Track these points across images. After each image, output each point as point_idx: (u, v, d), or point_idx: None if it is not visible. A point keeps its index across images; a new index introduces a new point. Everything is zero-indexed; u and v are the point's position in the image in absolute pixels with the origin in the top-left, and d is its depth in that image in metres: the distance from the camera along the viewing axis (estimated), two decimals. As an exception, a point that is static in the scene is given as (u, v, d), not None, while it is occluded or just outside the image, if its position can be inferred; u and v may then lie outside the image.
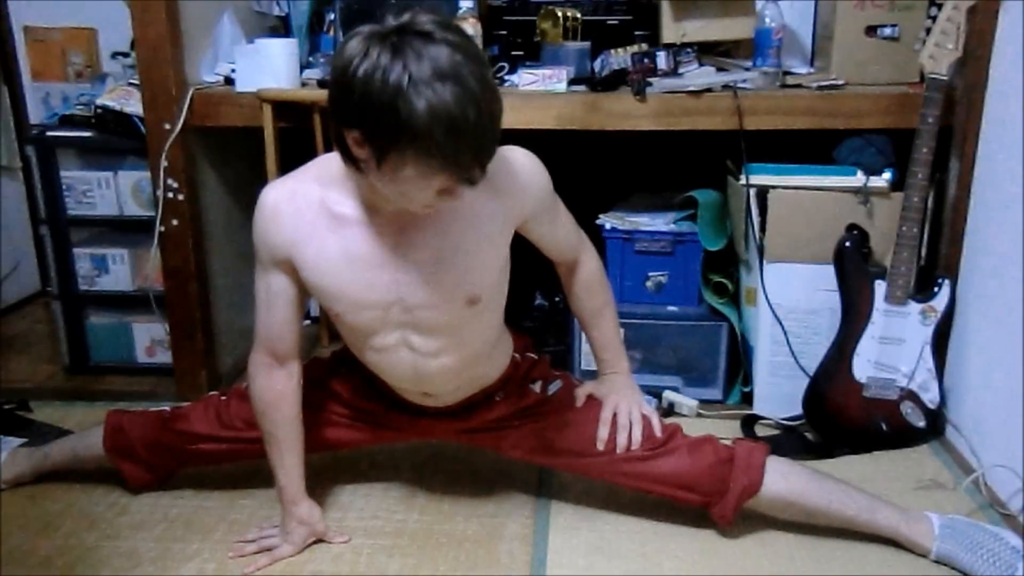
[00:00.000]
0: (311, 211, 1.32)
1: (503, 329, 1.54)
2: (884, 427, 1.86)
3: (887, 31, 1.97)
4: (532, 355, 1.63)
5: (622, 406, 1.55)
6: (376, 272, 1.32)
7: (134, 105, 2.07)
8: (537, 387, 1.57)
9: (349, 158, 1.19)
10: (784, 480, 1.51)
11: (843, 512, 1.51)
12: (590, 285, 1.57)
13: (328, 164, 1.32)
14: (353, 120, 1.12)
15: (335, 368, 1.61)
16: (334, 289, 1.36)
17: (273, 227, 1.34)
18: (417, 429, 1.60)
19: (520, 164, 1.35)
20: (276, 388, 1.47)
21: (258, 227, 1.36)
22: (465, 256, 1.33)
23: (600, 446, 1.51)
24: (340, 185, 1.31)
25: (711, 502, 1.51)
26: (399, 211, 1.27)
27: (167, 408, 1.67)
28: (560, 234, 1.49)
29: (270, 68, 1.97)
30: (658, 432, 1.52)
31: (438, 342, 1.40)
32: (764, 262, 1.95)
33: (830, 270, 1.87)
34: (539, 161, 1.39)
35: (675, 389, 2.11)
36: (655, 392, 2.08)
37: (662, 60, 1.98)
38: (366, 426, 1.61)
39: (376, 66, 1.07)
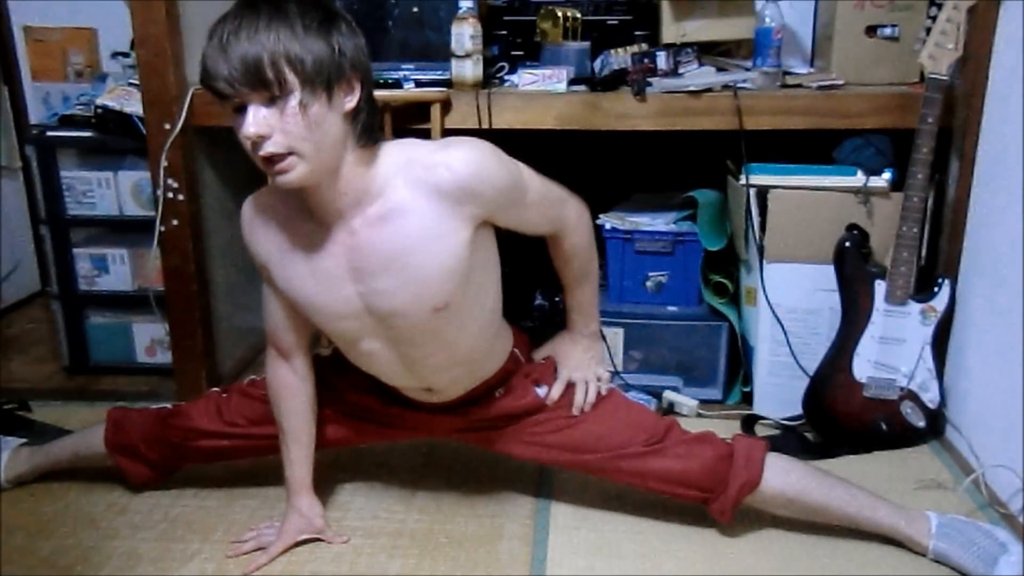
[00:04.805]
0: (280, 225, 1.36)
1: (500, 324, 1.54)
2: (884, 427, 1.86)
3: (887, 31, 1.97)
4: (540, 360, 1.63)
5: (577, 378, 1.57)
6: (338, 285, 1.34)
7: (134, 105, 2.07)
8: (543, 392, 1.57)
9: None
10: (784, 476, 1.51)
11: (843, 509, 1.51)
12: (570, 255, 1.51)
13: None
14: None
15: (336, 366, 1.61)
16: (305, 302, 1.39)
17: (250, 239, 1.41)
18: (416, 426, 1.60)
19: (463, 164, 1.25)
20: (280, 380, 1.52)
21: (243, 236, 1.42)
22: (417, 264, 1.29)
23: (549, 402, 1.54)
24: (296, 198, 1.33)
25: (710, 498, 1.51)
26: (334, 217, 1.29)
27: (168, 405, 1.68)
28: (531, 217, 1.40)
29: (270, 68, 1.97)
30: (602, 390, 1.57)
31: (422, 347, 1.41)
32: (764, 262, 1.95)
33: (830, 270, 1.87)
34: (490, 153, 1.28)
35: (675, 389, 2.11)
36: (655, 392, 2.08)
37: (662, 60, 1.98)
38: (365, 423, 1.61)
39: None
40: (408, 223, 1.27)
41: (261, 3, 1.16)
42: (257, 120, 1.16)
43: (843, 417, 1.87)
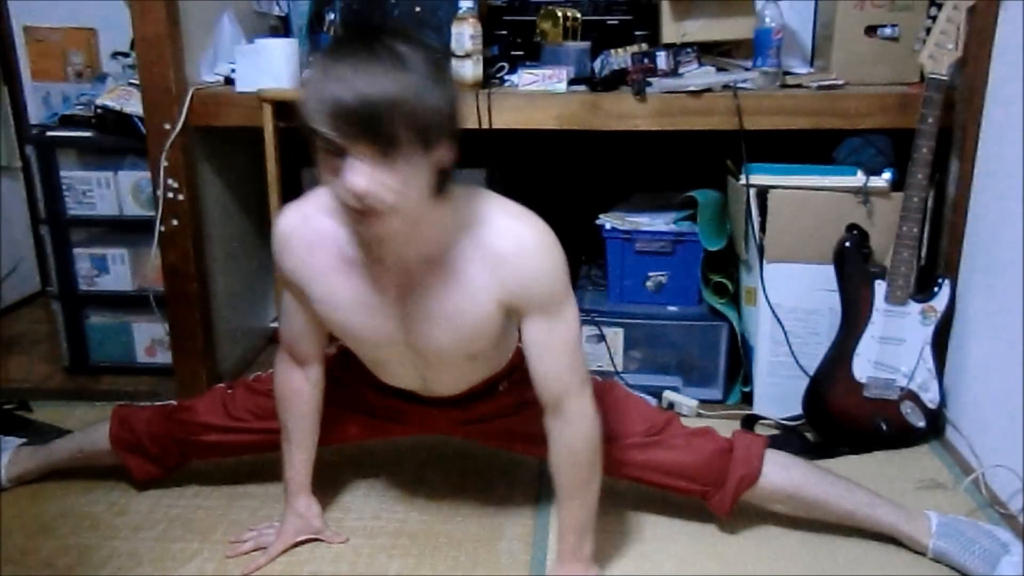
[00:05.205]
0: (323, 248, 1.30)
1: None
2: (884, 427, 1.86)
3: (887, 31, 1.97)
4: None
5: None
6: (382, 318, 1.33)
7: (134, 105, 2.07)
8: None
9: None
10: (783, 471, 1.51)
11: (843, 506, 1.52)
12: (574, 452, 1.35)
13: None
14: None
15: (342, 363, 1.61)
16: (342, 327, 1.38)
17: (285, 255, 1.34)
18: (420, 421, 1.60)
19: (524, 245, 1.24)
20: (292, 385, 1.50)
21: (274, 249, 1.36)
22: (458, 319, 1.30)
23: None
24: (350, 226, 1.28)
25: (709, 492, 1.51)
26: (396, 260, 1.27)
27: (173, 402, 1.69)
28: (553, 350, 1.31)
29: (270, 68, 1.97)
30: None
31: (444, 371, 1.44)
32: (764, 262, 1.95)
33: (830, 270, 1.87)
34: (552, 249, 1.27)
35: (675, 389, 2.11)
36: (655, 392, 2.08)
37: (662, 60, 1.98)
38: (370, 419, 1.61)
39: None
40: (462, 281, 1.26)
41: (377, 45, 1.07)
42: (366, 176, 1.08)
43: (843, 417, 1.87)
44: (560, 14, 2.12)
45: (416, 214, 1.18)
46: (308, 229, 1.31)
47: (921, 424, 1.86)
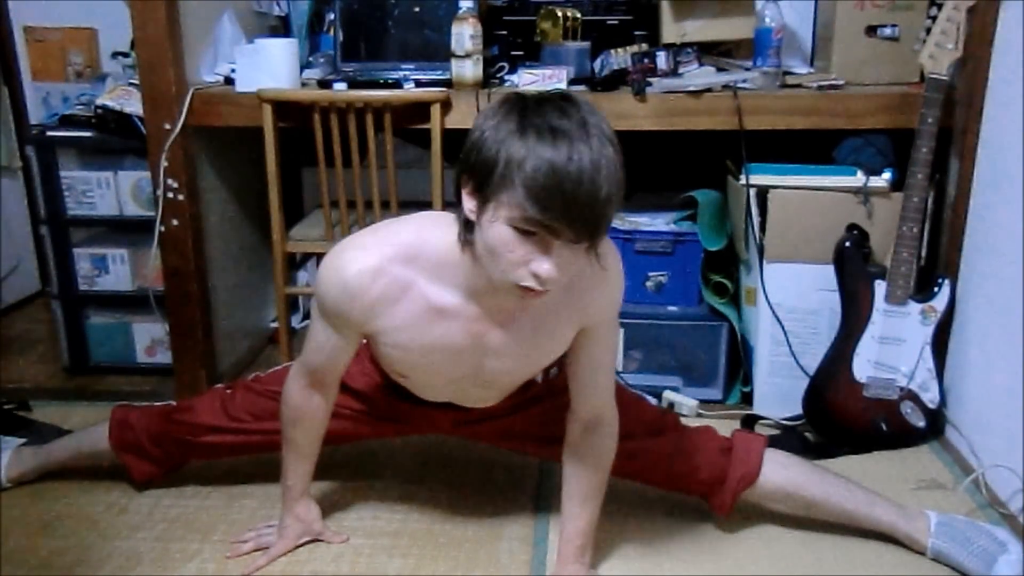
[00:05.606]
0: (408, 299, 1.25)
1: None
2: (884, 427, 1.86)
3: (887, 31, 1.97)
4: None
5: None
6: (466, 357, 1.33)
7: (134, 105, 2.07)
8: (539, 376, 1.57)
9: (465, 226, 1.16)
10: (783, 470, 1.52)
11: (842, 505, 1.52)
12: (605, 458, 1.42)
13: (421, 246, 1.24)
14: (467, 167, 1.11)
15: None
16: (412, 363, 1.37)
17: (354, 304, 1.26)
18: (419, 419, 1.60)
19: (610, 271, 1.28)
20: (311, 407, 1.47)
21: (331, 293, 1.27)
22: (543, 349, 1.35)
23: None
24: (440, 274, 1.24)
25: (709, 491, 1.52)
26: (500, 304, 1.25)
27: (172, 403, 1.69)
28: (605, 364, 1.38)
29: (270, 68, 1.97)
30: None
31: (501, 391, 1.46)
32: (764, 262, 1.95)
33: (830, 270, 1.87)
34: (621, 269, 1.32)
35: (675, 389, 2.11)
36: (655, 392, 2.08)
37: (662, 60, 1.98)
38: (367, 417, 1.60)
39: (498, 120, 1.08)
40: (551, 318, 1.29)
41: (585, 126, 1.09)
42: (561, 265, 1.08)
43: (843, 417, 1.87)
44: (560, 14, 2.12)
45: None
46: (386, 282, 1.24)
47: (921, 424, 1.86)
